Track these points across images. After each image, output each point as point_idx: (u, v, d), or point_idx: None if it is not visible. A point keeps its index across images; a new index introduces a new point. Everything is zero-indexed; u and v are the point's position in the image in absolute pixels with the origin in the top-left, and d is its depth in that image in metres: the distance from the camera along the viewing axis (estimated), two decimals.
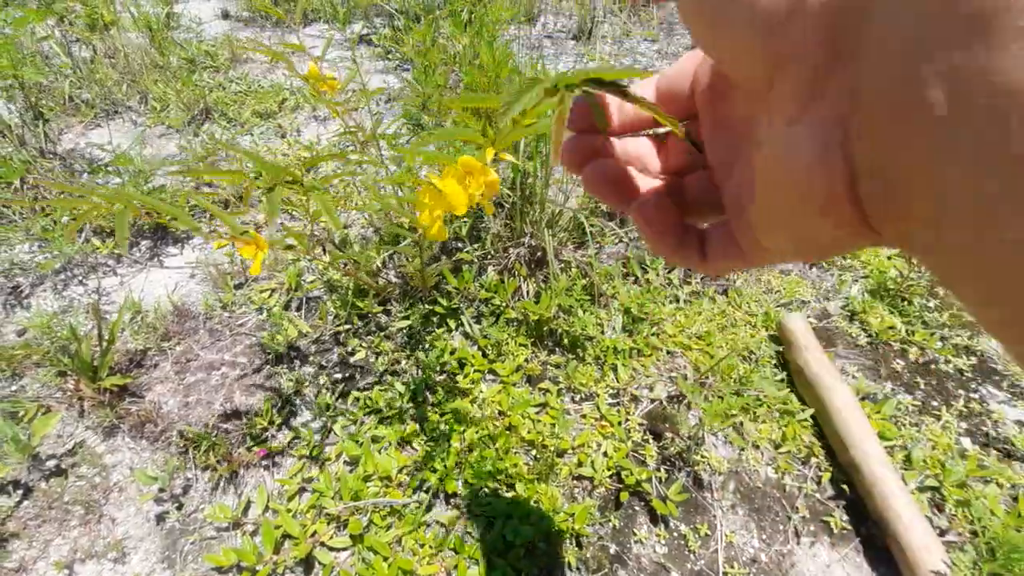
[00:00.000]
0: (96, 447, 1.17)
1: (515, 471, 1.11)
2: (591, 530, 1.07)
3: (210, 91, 2.35)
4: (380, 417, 1.21)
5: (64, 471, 1.12)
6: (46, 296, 1.47)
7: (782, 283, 1.66)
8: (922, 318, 1.58)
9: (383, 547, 0.99)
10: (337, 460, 1.16)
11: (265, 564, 0.96)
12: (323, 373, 1.32)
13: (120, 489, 1.11)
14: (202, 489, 1.12)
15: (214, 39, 2.84)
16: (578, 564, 1.03)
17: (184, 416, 1.21)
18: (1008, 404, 1.39)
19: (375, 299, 1.44)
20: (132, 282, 1.53)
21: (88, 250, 1.56)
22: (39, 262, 1.51)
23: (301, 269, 1.54)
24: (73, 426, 1.20)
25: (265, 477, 1.14)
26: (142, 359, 1.31)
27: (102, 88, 2.25)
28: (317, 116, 2.35)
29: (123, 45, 2.45)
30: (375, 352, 1.37)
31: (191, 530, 1.06)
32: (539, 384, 1.31)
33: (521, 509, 1.05)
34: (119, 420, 1.19)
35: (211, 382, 1.28)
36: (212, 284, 1.52)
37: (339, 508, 1.03)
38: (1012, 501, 1.16)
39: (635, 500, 1.13)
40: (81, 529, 1.06)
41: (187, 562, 1.02)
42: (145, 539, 1.05)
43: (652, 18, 3.41)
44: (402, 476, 1.11)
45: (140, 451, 1.17)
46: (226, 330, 1.40)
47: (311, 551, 0.99)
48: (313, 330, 1.40)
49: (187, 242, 1.67)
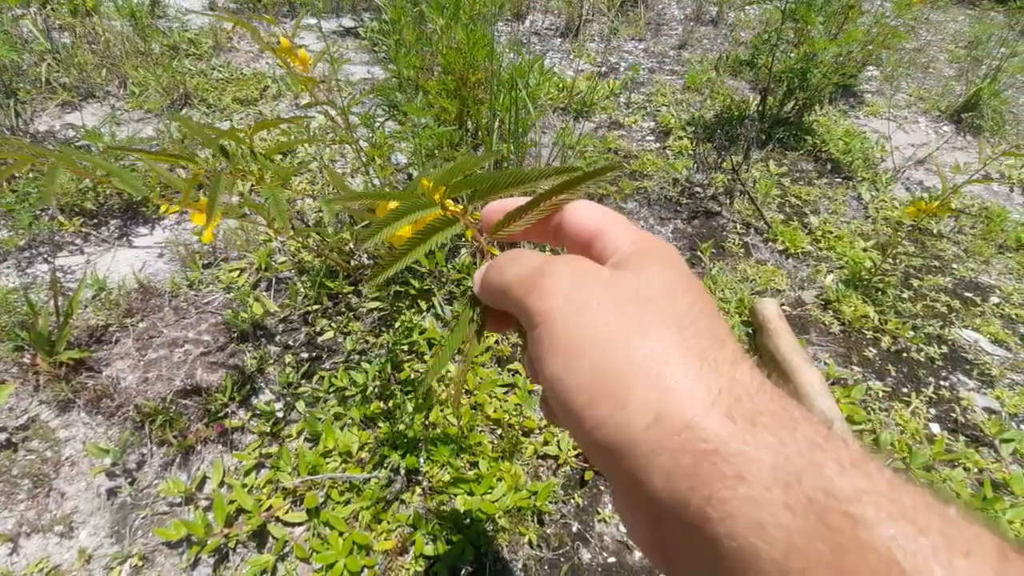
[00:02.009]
0: (50, 421, 1.14)
1: (479, 449, 1.10)
2: (554, 508, 1.06)
3: (191, 77, 2.33)
4: (344, 396, 1.19)
5: (14, 445, 1.09)
6: (9, 273, 1.44)
7: (758, 272, 1.66)
8: (895, 307, 1.59)
9: (339, 522, 0.97)
10: (298, 437, 1.14)
11: (215, 537, 0.93)
12: (289, 352, 1.30)
13: (72, 464, 1.08)
14: (157, 464, 1.09)
15: (199, 28, 2.83)
16: (539, 541, 1.01)
17: (143, 391, 1.18)
18: (978, 392, 1.39)
19: (346, 280, 1.43)
20: (99, 261, 1.50)
21: (54, 227, 1.53)
22: (2, 238, 1.48)
23: (272, 250, 1.52)
24: (27, 400, 1.17)
25: (223, 454, 1.12)
26: (103, 335, 1.29)
27: (80, 72, 2.22)
28: (299, 103, 2.33)
29: (104, 31, 2.43)
30: (343, 332, 1.35)
31: (143, 505, 1.03)
32: (508, 365, 1.30)
33: (483, 486, 1.03)
34: (75, 395, 1.16)
35: (173, 359, 1.26)
36: (181, 263, 1.49)
37: (296, 482, 1.01)
38: (979, 485, 1.16)
39: (600, 479, 1.12)
40: (29, 503, 1.02)
41: (136, 536, 0.99)
42: (95, 514, 1.02)
43: (639, 17, 3.44)
44: (363, 453, 1.09)
45: (95, 426, 1.14)
46: (192, 308, 1.37)
47: (264, 525, 0.97)
48: (282, 310, 1.38)
49: (158, 223, 1.64)
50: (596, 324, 0.22)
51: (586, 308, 0.23)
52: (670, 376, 0.20)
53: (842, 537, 0.16)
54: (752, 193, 1.93)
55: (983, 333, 1.55)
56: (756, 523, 0.17)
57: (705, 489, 0.18)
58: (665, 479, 0.19)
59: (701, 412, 0.19)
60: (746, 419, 0.19)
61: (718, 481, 0.18)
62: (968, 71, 3.06)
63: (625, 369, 0.21)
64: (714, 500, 0.18)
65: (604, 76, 2.79)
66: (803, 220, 1.91)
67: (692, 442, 0.19)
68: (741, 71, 2.86)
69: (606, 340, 0.21)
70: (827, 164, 2.23)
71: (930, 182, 2.21)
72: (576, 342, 0.22)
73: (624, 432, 0.20)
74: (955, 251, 1.86)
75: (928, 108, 2.75)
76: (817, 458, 0.18)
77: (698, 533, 0.18)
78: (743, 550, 0.17)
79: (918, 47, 3.54)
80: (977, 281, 1.74)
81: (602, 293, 0.23)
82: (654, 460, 0.20)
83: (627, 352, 0.21)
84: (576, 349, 0.22)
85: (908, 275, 1.73)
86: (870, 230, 1.89)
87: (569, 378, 0.22)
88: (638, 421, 0.20)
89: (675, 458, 0.19)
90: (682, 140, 2.24)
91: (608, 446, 0.21)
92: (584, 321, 0.22)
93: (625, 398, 0.20)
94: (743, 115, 2.36)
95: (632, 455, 0.20)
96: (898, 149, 2.36)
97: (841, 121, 2.49)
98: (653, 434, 0.20)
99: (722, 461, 0.18)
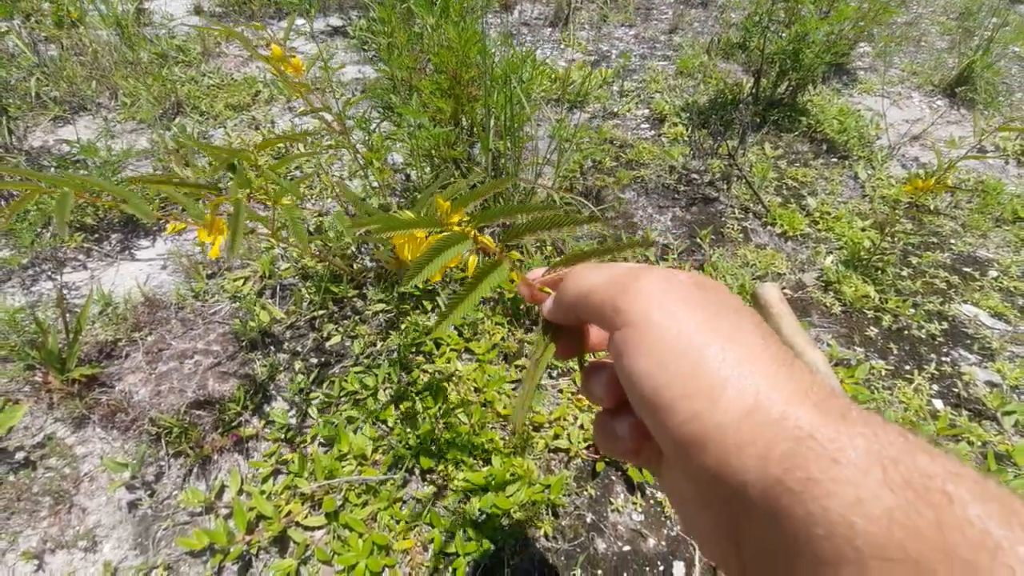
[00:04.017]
0: (66, 438, 1.15)
1: (491, 445, 1.11)
2: (567, 500, 1.08)
3: (182, 85, 2.32)
4: (355, 399, 1.21)
5: (33, 463, 1.11)
6: (14, 292, 1.45)
7: (757, 257, 1.67)
8: (895, 286, 1.60)
9: (358, 524, 0.99)
10: (312, 442, 1.15)
11: (237, 544, 0.95)
12: (298, 358, 1.31)
13: (91, 479, 1.10)
14: (175, 476, 1.10)
15: (186, 34, 2.81)
16: (555, 534, 1.03)
17: (156, 404, 1.19)
18: (979, 366, 1.41)
19: (350, 284, 1.43)
20: (103, 275, 1.51)
21: (56, 244, 1.54)
22: (4, 257, 1.49)
23: (275, 257, 1.52)
24: (42, 418, 1.18)
25: (239, 461, 1.13)
26: (112, 350, 1.30)
27: (70, 85, 2.21)
28: (292, 108, 2.32)
29: (91, 42, 2.41)
30: (350, 336, 1.36)
31: (164, 516, 1.05)
32: (515, 361, 1.31)
33: (497, 482, 1.05)
34: (89, 411, 1.18)
35: (183, 370, 1.27)
36: (184, 275, 1.50)
37: (313, 487, 1.03)
38: (982, 458, 1.18)
39: (611, 470, 1.13)
40: (51, 520, 1.04)
41: (160, 548, 1.01)
42: (117, 527, 1.04)
43: (628, 3, 3.41)
44: (376, 455, 1.11)
45: (111, 441, 1.15)
46: (199, 319, 1.38)
47: (285, 530, 0.99)
48: (288, 316, 1.39)
49: (158, 235, 1.65)
50: (691, 326, 0.24)
51: (681, 311, 0.25)
52: (763, 373, 0.22)
53: (941, 513, 0.17)
54: (749, 178, 1.94)
55: (982, 307, 1.56)
56: (854, 500, 0.18)
57: (800, 471, 0.19)
58: (757, 466, 0.21)
59: (795, 403, 0.21)
60: (837, 413, 0.21)
61: (814, 463, 0.19)
62: (960, 43, 3.05)
63: (718, 366, 0.23)
64: (810, 481, 0.19)
65: (596, 65, 2.78)
66: (801, 202, 1.91)
67: (788, 429, 0.21)
68: (733, 53, 2.85)
69: (702, 341, 0.24)
70: (822, 144, 2.23)
71: (925, 158, 2.21)
72: (670, 340, 0.24)
73: (716, 423, 0.22)
74: (952, 226, 1.87)
75: (921, 83, 2.75)
76: (909, 447, 0.19)
77: (787, 517, 0.19)
78: (838, 526, 0.18)
79: (909, 21, 3.53)
80: (975, 255, 1.76)
81: (694, 299, 0.25)
82: (745, 449, 0.21)
83: (721, 352, 0.23)
84: (671, 347, 0.24)
85: (907, 253, 1.74)
86: (867, 209, 1.90)
87: (662, 374, 0.23)
88: (733, 412, 0.22)
89: (769, 445, 0.21)
90: (677, 127, 2.24)
91: (697, 438, 0.22)
92: (680, 323, 0.24)
93: (719, 393, 0.22)
94: (736, 98, 2.35)
95: (722, 446, 0.22)
96: (892, 126, 2.36)
97: (835, 100, 2.49)
98: (746, 424, 0.21)
99: (818, 446, 0.20)
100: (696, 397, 0.23)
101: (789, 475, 0.20)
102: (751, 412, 0.22)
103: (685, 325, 0.24)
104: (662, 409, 0.23)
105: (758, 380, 0.22)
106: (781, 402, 0.21)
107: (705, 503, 0.24)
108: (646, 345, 0.24)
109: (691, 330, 0.24)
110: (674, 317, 0.25)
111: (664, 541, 1.04)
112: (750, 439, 0.21)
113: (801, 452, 0.20)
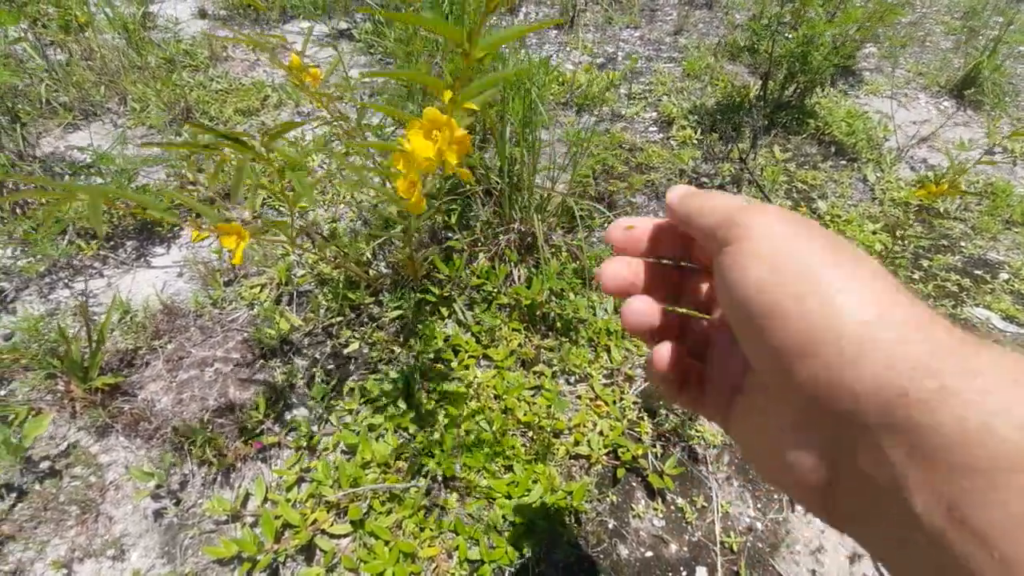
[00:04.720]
0: (90, 447, 1.16)
1: (512, 452, 1.12)
2: (589, 507, 1.09)
3: (190, 90, 2.32)
4: (375, 406, 1.22)
5: (58, 472, 1.11)
6: (32, 300, 1.45)
7: None
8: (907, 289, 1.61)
9: (384, 531, 0.99)
10: (334, 450, 1.16)
11: (266, 553, 0.96)
12: (317, 365, 1.32)
13: (116, 487, 1.11)
14: (199, 484, 1.11)
15: (192, 38, 2.81)
16: (578, 540, 1.04)
17: (178, 413, 1.20)
18: None
19: (366, 290, 1.44)
20: (119, 283, 1.52)
21: (72, 252, 1.54)
22: (22, 265, 1.49)
23: (291, 263, 1.53)
24: (65, 427, 1.19)
25: (263, 469, 1.14)
26: (133, 358, 1.30)
27: (79, 90, 2.21)
28: (301, 112, 2.33)
29: (99, 46, 2.41)
30: (368, 343, 1.37)
31: (190, 524, 1.06)
32: (533, 368, 1.32)
33: (520, 489, 1.06)
34: (112, 419, 1.18)
35: (204, 378, 1.27)
36: (201, 282, 1.51)
37: (338, 495, 1.04)
38: None
39: (632, 476, 1.14)
40: (78, 529, 1.05)
41: (187, 556, 1.02)
42: (144, 535, 1.05)
43: (634, 5, 3.41)
44: (400, 463, 1.12)
45: (135, 449, 1.16)
46: (217, 326, 1.39)
47: (312, 539, 1.00)
48: (305, 323, 1.40)
49: (173, 241, 1.65)
50: (812, 245, 0.23)
51: (802, 233, 0.24)
52: (885, 290, 0.21)
53: None
54: (760, 181, 1.95)
55: (994, 310, 1.57)
56: (997, 410, 0.17)
57: (931, 381, 0.18)
58: (877, 375, 0.19)
59: (921, 323, 0.20)
60: (959, 335, 0.20)
61: (949, 374, 0.18)
62: (965, 43, 3.06)
63: (836, 275, 0.22)
64: (944, 390, 0.18)
65: (602, 67, 2.78)
66: (811, 205, 1.92)
67: (916, 342, 0.20)
68: (739, 55, 2.86)
69: (821, 260, 0.23)
70: (831, 147, 2.23)
71: (934, 160, 2.22)
72: (785, 250, 0.23)
73: (829, 326, 0.21)
74: (962, 228, 1.88)
75: (928, 84, 2.75)
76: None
77: (909, 429, 0.19)
78: (974, 434, 0.17)
79: (913, 20, 3.53)
80: (985, 258, 1.77)
81: (816, 229, 0.25)
82: (865, 358, 0.20)
83: (839, 269, 0.22)
84: (787, 252, 0.23)
85: (918, 256, 1.75)
86: (877, 212, 1.90)
87: (774, 277, 0.23)
88: (850, 319, 0.20)
89: (893, 355, 0.19)
90: (685, 130, 2.25)
91: (806, 342, 0.21)
92: (799, 240, 0.24)
93: (835, 295, 0.21)
94: (744, 101, 2.36)
95: (836, 350, 0.20)
96: (900, 127, 2.37)
97: (842, 102, 2.49)
98: (867, 331, 0.20)
99: (952, 358, 0.19)
100: (809, 297, 0.21)
101: (916, 385, 0.19)
102: (871, 322, 0.20)
103: (804, 244, 0.23)
104: (767, 314, 0.22)
105: (880, 295, 0.21)
106: (906, 314, 0.20)
107: (806, 424, 0.22)
108: (761, 255, 0.23)
109: (810, 249, 0.23)
110: (795, 236, 0.24)
111: (686, 547, 1.05)
112: (871, 347, 0.20)
113: (933, 364, 0.19)
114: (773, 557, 1.06)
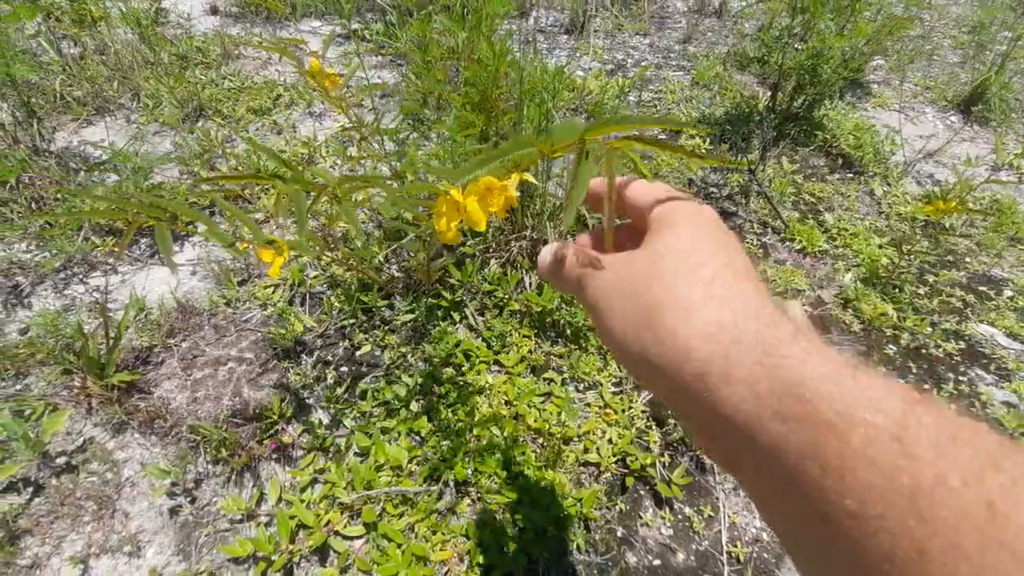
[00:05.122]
0: (106, 443, 1.17)
1: (523, 459, 1.14)
2: (599, 514, 1.10)
3: (203, 88, 2.33)
4: (388, 409, 1.23)
5: (75, 468, 1.13)
6: (47, 295, 1.46)
7: (778, 273, 1.69)
8: (913, 304, 1.63)
9: (397, 534, 1.01)
10: (348, 452, 1.18)
11: (281, 554, 0.97)
12: (330, 367, 1.33)
13: (132, 484, 1.12)
14: (214, 483, 1.13)
15: (204, 35, 2.82)
16: (587, 547, 1.06)
17: (193, 411, 1.21)
18: (996, 386, 1.44)
19: (379, 293, 1.46)
20: (134, 280, 1.53)
21: (88, 248, 1.55)
22: (38, 260, 1.51)
23: (304, 265, 1.54)
24: (81, 423, 1.20)
25: (277, 470, 1.15)
26: (148, 356, 1.32)
27: (93, 85, 2.22)
28: (312, 112, 2.34)
29: (112, 41, 2.42)
30: (380, 346, 1.38)
31: (205, 523, 1.07)
32: (543, 374, 1.34)
33: (530, 495, 1.08)
34: (128, 417, 1.20)
35: (218, 377, 1.29)
36: (215, 281, 1.52)
37: (352, 498, 1.05)
38: None
39: (640, 484, 1.16)
40: (94, 524, 1.06)
41: (202, 554, 1.03)
42: (159, 532, 1.06)
43: (643, 12, 3.43)
44: (412, 466, 1.13)
45: (150, 447, 1.17)
46: (231, 326, 1.40)
47: (326, 540, 1.01)
48: (318, 325, 1.41)
49: (187, 239, 1.67)
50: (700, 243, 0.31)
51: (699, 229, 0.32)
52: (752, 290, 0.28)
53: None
54: (768, 192, 1.96)
55: (998, 327, 1.59)
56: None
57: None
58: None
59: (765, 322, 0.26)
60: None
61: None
62: (973, 58, 3.08)
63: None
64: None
65: (612, 74, 2.80)
66: (818, 218, 1.94)
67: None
68: (749, 65, 2.87)
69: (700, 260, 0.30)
70: (838, 159, 2.25)
71: (940, 175, 2.24)
72: (683, 246, 0.31)
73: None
74: (967, 245, 1.90)
75: (935, 98, 2.77)
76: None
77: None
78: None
79: (922, 34, 3.55)
80: (990, 275, 1.79)
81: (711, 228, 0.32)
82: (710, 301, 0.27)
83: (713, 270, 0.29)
84: (681, 249, 0.31)
85: (923, 271, 1.77)
86: (884, 226, 1.92)
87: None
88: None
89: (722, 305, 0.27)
90: (694, 139, 2.26)
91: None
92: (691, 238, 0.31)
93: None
94: (753, 111, 2.37)
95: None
96: (907, 141, 2.39)
97: (850, 115, 2.51)
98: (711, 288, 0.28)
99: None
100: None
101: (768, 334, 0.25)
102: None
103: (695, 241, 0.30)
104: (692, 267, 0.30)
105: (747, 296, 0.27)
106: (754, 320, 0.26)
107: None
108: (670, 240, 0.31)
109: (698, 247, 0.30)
110: (693, 232, 0.31)
111: (693, 556, 1.07)
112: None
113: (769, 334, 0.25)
114: (779, 568, 1.07)
